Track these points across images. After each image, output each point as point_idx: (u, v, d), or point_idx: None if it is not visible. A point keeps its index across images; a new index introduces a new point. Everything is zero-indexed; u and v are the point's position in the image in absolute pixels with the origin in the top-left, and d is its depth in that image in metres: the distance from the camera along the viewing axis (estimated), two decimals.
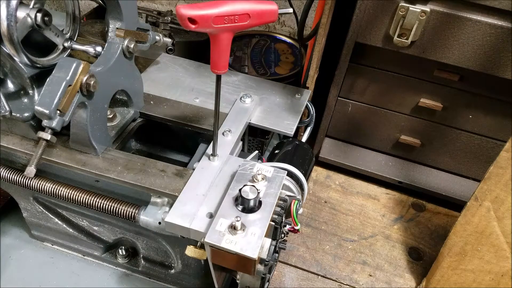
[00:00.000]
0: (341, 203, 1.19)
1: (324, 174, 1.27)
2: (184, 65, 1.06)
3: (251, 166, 0.68)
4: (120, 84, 0.78)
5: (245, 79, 1.02)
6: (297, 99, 0.96)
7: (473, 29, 0.84)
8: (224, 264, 0.64)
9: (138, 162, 0.75)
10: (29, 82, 0.70)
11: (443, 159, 1.16)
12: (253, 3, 0.54)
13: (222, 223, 0.59)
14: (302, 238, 1.10)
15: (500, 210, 0.76)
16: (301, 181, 0.79)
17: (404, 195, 1.23)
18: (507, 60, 0.86)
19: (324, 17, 0.89)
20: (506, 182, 0.73)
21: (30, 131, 0.76)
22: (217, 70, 0.59)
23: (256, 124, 0.88)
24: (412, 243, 1.11)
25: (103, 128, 0.76)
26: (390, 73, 1.03)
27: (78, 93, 0.64)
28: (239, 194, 0.61)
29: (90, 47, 0.74)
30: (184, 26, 0.51)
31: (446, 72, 0.96)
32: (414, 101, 1.06)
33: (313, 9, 0.99)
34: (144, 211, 0.73)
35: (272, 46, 1.35)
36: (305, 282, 1.01)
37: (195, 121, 0.86)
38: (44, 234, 1.03)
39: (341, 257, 1.06)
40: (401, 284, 1.02)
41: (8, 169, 0.79)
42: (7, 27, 0.59)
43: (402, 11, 0.85)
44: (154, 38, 0.87)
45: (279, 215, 0.64)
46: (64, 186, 0.77)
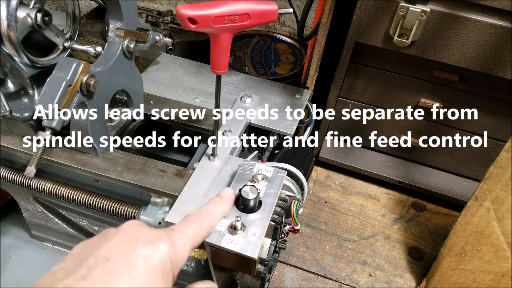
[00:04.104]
0: (341, 203, 1.19)
1: (324, 174, 1.27)
2: (184, 65, 1.06)
3: (251, 166, 0.68)
4: (120, 84, 0.78)
5: (245, 79, 1.02)
6: (297, 99, 0.96)
7: (473, 29, 0.84)
8: (224, 264, 0.64)
9: (138, 162, 0.75)
10: (29, 82, 0.70)
11: (443, 159, 1.16)
12: (253, 3, 0.54)
13: (222, 223, 0.59)
14: (302, 238, 1.10)
15: (500, 210, 0.76)
16: (301, 181, 0.79)
17: (404, 195, 1.23)
18: (507, 60, 0.86)
19: (324, 17, 0.89)
20: (506, 182, 0.73)
21: (30, 131, 0.76)
22: (217, 70, 0.59)
23: (256, 124, 0.88)
24: (412, 243, 1.11)
25: (103, 128, 0.76)
26: (390, 73, 1.03)
27: (78, 93, 0.64)
28: (239, 194, 0.61)
29: (90, 47, 0.74)
30: (184, 26, 0.51)
31: (446, 72, 0.96)
32: (414, 101, 1.06)
33: (313, 9, 0.99)
34: (144, 211, 0.73)
35: (272, 46, 1.35)
36: (305, 282, 1.01)
37: (195, 121, 0.86)
38: (44, 234, 1.03)
39: (341, 257, 1.06)
40: (401, 284, 1.02)
41: (8, 169, 0.79)
42: (7, 27, 0.59)
43: (402, 11, 0.85)
44: (154, 38, 0.87)
45: (279, 215, 0.64)
46: (64, 186, 0.77)
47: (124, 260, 0.37)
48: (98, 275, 0.36)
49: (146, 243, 0.40)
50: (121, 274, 0.36)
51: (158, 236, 0.41)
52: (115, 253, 0.38)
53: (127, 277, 0.36)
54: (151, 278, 0.38)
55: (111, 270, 0.36)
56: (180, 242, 0.43)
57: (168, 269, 0.40)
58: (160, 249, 0.40)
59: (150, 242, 0.40)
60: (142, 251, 0.39)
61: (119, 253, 0.38)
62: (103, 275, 0.36)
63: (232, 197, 0.60)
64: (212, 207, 0.55)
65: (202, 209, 0.54)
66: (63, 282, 0.35)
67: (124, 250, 0.39)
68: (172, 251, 0.41)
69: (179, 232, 0.45)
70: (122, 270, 0.37)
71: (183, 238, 0.45)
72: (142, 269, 0.38)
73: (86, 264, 0.37)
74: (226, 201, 0.59)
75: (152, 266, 0.38)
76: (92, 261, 0.37)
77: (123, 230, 0.42)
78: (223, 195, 0.60)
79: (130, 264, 0.37)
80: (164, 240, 0.41)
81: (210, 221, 0.52)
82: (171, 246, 0.41)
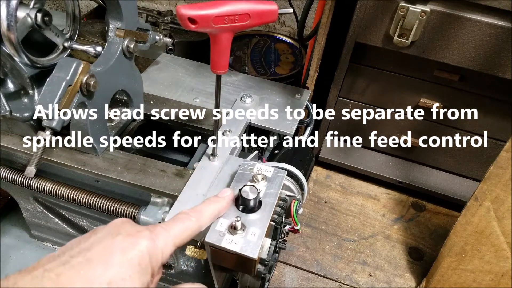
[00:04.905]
0: (341, 203, 1.19)
1: (324, 174, 1.27)
2: (184, 65, 1.06)
3: (251, 166, 0.68)
4: (120, 84, 0.78)
5: (245, 79, 1.02)
6: (297, 99, 0.96)
7: (473, 29, 0.84)
8: (224, 264, 0.64)
9: (138, 162, 0.75)
10: (29, 82, 0.70)
11: (443, 159, 1.16)
12: (253, 3, 0.54)
13: (222, 223, 0.59)
14: (302, 238, 1.10)
15: (500, 210, 0.76)
16: (301, 181, 0.79)
17: (404, 195, 1.23)
18: (507, 60, 0.86)
19: (324, 17, 0.89)
20: (506, 182, 0.73)
21: (30, 131, 0.76)
22: (217, 70, 0.59)
23: (256, 124, 0.88)
24: (412, 243, 1.11)
25: (103, 128, 0.76)
26: (390, 73, 1.03)
27: (78, 93, 0.64)
28: (239, 194, 0.61)
29: (90, 47, 0.74)
30: (184, 26, 0.51)
31: (446, 72, 0.96)
32: (414, 101, 1.06)
33: (313, 9, 0.99)
34: (144, 211, 0.73)
35: (272, 46, 1.35)
36: (305, 282, 1.01)
37: (195, 121, 0.86)
38: (44, 234, 1.03)
39: (341, 257, 1.06)
40: (401, 284, 1.02)
41: (8, 169, 0.79)
42: (7, 27, 0.59)
43: (402, 11, 0.85)
44: (154, 38, 0.87)
45: (279, 215, 0.64)
46: (64, 186, 0.77)
47: (102, 251, 0.41)
48: (76, 262, 0.40)
49: (125, 237, 0.43)
50: (98, 262, 0.40)
51: (139, 232, 0.44)
52: (96, 245, 0.42)
53: (102, 266, 0.40)
54: (126, 269, 0.41)
55: (89, 258, 0.40)
56: (162, 238, 0.46)
57: (146, 263, 0.43)
58: (138, 243, 0.43)
59: (130, 236, 0.43)
60: (120, 244, 0.42)
61: (99, 245, 0.42)
62: (81, 263, 0.40)
63: (230, 197, 0.60)
64: (205, 206, 0.56)
65: (194, 207, 0.54)
66: (44, 266, 0.39)
67: (104, 242, 0.42)
68: (152, 245, 0.44)
69: (164, 228, 0.47)
70: (99, 259, 0.40)
71: (166, 234, 0.46)
72: (118, 260, 0.41)
73: (69, 253, 0.41)
74: (222, 200, 0.59)
75: (128, 259, 0.41)
76: (75, 251, 0.41)
77: (108, 225, 0.45)
78: (220, 195, 0.60)
79: (107, 254, 0.41)
80: (144, 235, 0.44)
81: (199, 219, 0.52)
82: (150, 241, 0.44)
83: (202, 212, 0.54)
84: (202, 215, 0.54)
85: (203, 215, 0.54)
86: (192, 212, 0.53)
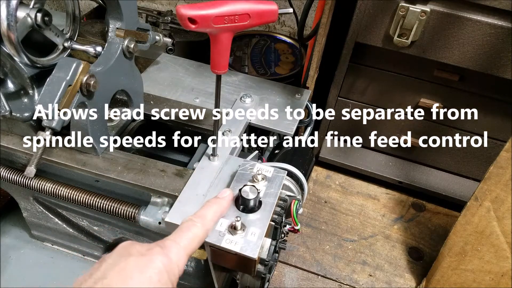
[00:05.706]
0: (341, 203, 1.19)
1: (324, 174, 1.27)
2: (184, 65, 1.06)
3: (251, 166, 0.68)
4: (120, 84, 0.78)
5: (245, 79, 1.02)
6: (297, 99, 0.96)
7: (473, 29, 0.84)
8: (224, 264, 0.64)
9: (138, 162, 0.75)
10: (29, 82, 0.70)
11: (443, 159, 1.16)
12: (253, 3, 0.54)
13: (222, 223, 0.59)
14: (302, 238, 1.10)
15: (500, 210, 0.76)
16: (301, 181, 0.79)
17: (404, 195, 1.23)
18: (507, 60, 0.86)
19: (324, 17, 0.89)
20: (506, 182, 0.73)
21: (30, 131, 0.76)
22: (217, 70, 0.59)
23: (256, 124, 0.88)
24: (412, 243, 1.11)
25: (103, 128, 0.76)
26: (390, 73, 1.03)
27: (78, 93, 0.64)
28: (239, 194, 0.61)
29: (90, 47, 0.74)
30: (184, 26, 0.51)
31: (446, 72, 0.96)
32: (414, 101, 1.06)
33: (313, 9, 0.99)
34: (144, 211, 0.73)
35: (272, 46, 1.35)
36: (305, 282, 1.01)
37: (195, 121, 0.86)
38: (44, 234, 1.03)
39: (341, 257, 1.06)
40: (401, 284, 1.02)
41: (8, 169, 0.79)
42: (7, 27, 0.59)
43: (402, 11, 0.85)
44: (154, 38, 0.87)
45: (279, 215, 0.64)
46: (64, 186, 0.77)
47: (119, 275, 0.39)
48: None
49: (138, 257, 0.42)
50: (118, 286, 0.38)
51: (150, 249, 0.43)
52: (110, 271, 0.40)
53: None
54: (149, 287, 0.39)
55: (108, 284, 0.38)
56: (175, 252, 0.45)
57: (165, 279, 0.41)
58: (153, 261, 0.42)
59: (142, 255, 0.42)
60: (135, 264, 0.41)
61: (113, 270, 0.40)
62: None
63: (230, 197, 0.60)
64: (207, 211, 0.55)
65: (197, 213, 0.54)
66: None
67: (118, 266, 0.40)
68: (166, 260, 0.43)
69: (173, 241, 0.46)
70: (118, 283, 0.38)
71: (178, 247, 0.46)
72: (137, 280, 0.39)
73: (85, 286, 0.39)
74: (223, 201, 0.59)
75: (147, 277, 0.40)
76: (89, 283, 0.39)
77: (116, 250, 0.44)
78: (220, 196, 0.60)
79: (124, 276, 0.39)
80: (156, 252, 0.43)
81: (204, 224, 0.52)
82: (164, 256, 0.43)
83: (205, 216, 0.54)
84: (206, 219, 0.53)
85: (207, 219, 0.54)
86: (196, 218, 0.52)
